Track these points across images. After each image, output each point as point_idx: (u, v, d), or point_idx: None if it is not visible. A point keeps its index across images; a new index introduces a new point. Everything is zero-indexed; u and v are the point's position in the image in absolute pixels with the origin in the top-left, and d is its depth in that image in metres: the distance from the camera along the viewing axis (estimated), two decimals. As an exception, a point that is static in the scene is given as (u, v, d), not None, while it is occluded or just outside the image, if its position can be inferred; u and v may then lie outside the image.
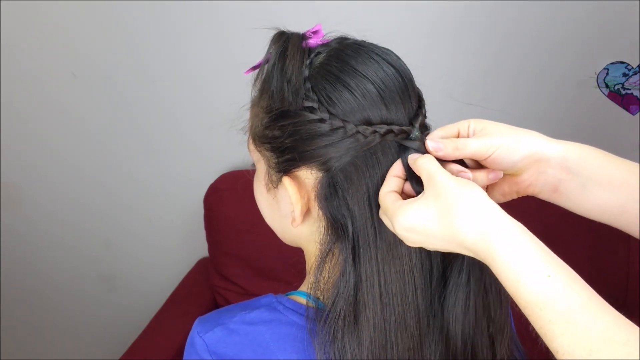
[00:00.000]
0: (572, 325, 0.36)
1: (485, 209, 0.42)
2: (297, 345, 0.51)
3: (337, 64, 0.50)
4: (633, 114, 1.30)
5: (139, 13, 1.31)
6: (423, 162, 0.47)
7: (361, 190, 0.49)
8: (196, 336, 0.52)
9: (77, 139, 1.47)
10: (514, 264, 0.39)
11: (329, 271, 0.51)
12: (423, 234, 0.45)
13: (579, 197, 0.49)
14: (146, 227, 1.57)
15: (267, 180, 0.55)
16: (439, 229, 0.43)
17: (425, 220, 0.44)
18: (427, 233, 0.44)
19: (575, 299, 0.37)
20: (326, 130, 0.48)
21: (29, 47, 1.37)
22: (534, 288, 0.38)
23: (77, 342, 1.73)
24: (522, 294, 0.39)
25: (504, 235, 0.41)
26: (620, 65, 1.27)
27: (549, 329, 0.37)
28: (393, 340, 0.48)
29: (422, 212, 0.44)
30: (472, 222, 0.42)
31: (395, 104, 0.49)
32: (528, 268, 0.39)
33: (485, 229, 0.41)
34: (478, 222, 0.42)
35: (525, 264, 0.39)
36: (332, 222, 0.50)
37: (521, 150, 0.48)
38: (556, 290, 0.38)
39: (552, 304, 0.37)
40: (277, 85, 0.50)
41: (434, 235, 0.44)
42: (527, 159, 0.49)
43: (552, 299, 0.37)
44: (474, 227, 0.42)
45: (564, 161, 0.48)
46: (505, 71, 1.31)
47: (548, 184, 0.49)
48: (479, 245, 0.41)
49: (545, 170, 0.49)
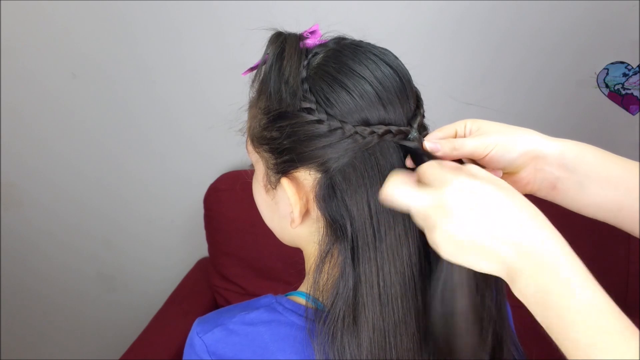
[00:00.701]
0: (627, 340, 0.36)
1: (539, 212, 0.42)
2: (297, 345, 0.51)
3: (334, 64, 0.50)
4: (633, 114, 1.30)
5: (139, 13, 1.31)
6: None
7: (360, 191, 0.48)
8: (195, 337, 0.52)
9: (77, 139, 1.47)
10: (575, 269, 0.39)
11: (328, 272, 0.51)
12: (474, 208, 0.42)
13: (576, 194, 0.49)
14: (146, 227, 1.57)
15: (265, 182, 0.55)
16: (496, 212, 0.41)
17: (484, 194, 0.42)
18: (479, 207, 0.42)
19: (623, 316, 0.38)
20: (324, 131, 0.48)
21: (29, 46, 1.37)
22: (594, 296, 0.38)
23: (77, 342, 1.73)
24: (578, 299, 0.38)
25: (562, 240, 0.41)
26: (620, 65, 1.27)
27: (600, 339, 0.37)
28: (392, 341, 0.48)
29: (485, 186, 0.43)
30: (534, 217, 0.41)
31: (393, 105, 0.49)
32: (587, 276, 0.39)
33: (547, 227, 0.41)
34: (539, 218, 0.41)
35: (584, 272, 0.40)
36: (331, 223, 0.50)
37: (518, 148, 0.49)
38: (609, 303, 0.38)
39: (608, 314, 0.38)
40: (274, 86, 0.50)
41: (488, 214, 0.41)
42: (524, 156, 0.49)
43: (607, 309, 0.38)
44: (536, 221, 0.41)
45: (561, 158, 0.49)
46: (504, 71, 1.31)
47: (546, 181, 0.50)
48: (541, 241, 0.40)
49: (543, 167, 0.49)
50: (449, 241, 0.43)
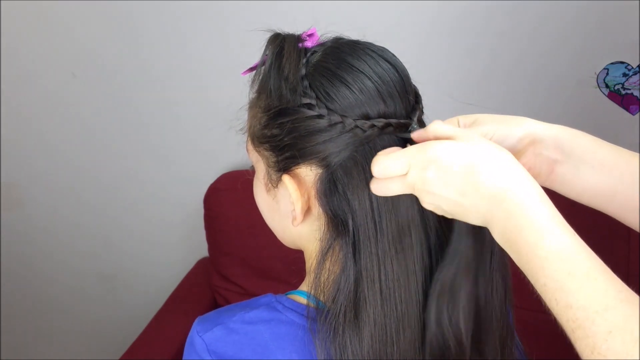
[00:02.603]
0: (591, 281, 0.37)
1: (516, 162, 0.43)
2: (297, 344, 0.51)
3: (333, 60, 0.50)
4: (633, 114, 1.30)
5: (141, 12, 1.31)
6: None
7: (361, 185, 0.49)
8: (195, 335, 0.52)
9: (77, 139, 1.47)
10: (543, 213, 0.40)
11: (330, 268, 0.51)
12: (446, 168, 0.43)
13: (572, 179, 0.50)
14: (146, 227, 1.57)
15: (266, 181, 0.55)
16: (466, 166, 0.43)
17: (453, 153, 0.43)
18: (451, 168, 0.43)
19: (595, 260, 0.38)
20: (324, 125, 0.49)
21: (29, 45, 1.38)
22: (561, 239, 0.39)
23: (78, 341, 1.73)
24: (548, 242, 0.39)
25: (535, 187, 0.42)
26: (620, 65, 1.27)
27: (567, 281, 0.37)
28: (394, 336, 0.48)
29: (452, 145, 0.44)
30: (505, 167, 0.42)
31: (393, 99, 0.50)
32: (556, 221, 0.40)
33: (517, 176, 0.42)
34: (510, 168, 0.42)
35: (554, 217, 0.40)
36: (333, 218, 0.50)
37: (516, 133, 0.50)
38: (580, 246, 0.39)
39: (576, 257, 0.38)
40: (274, 83, 0.51)
41: (458, 171, 0.43)
42: (523, 141, 0.50)
43: (576, 252, 0.38)
44: (506, 171, 0.42)
45: (557, 140, 0.50)
46: (502, 70, 1.31)
47: (545, 165, 0.50)
48: (511, 188, 0.41)
49: (541, 152, 0.50)
50: (434, 201, 0.45)
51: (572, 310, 0.37)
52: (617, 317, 0.35)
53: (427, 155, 0.44)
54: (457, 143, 0.44)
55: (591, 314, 0.36)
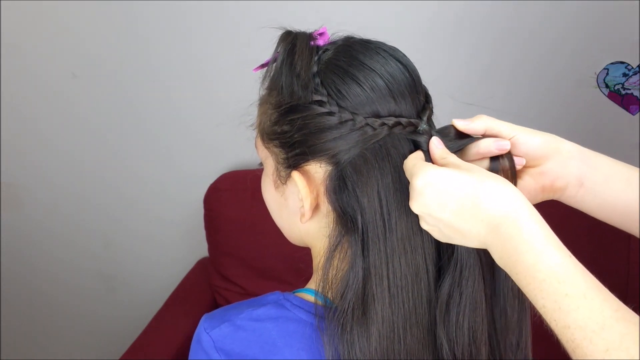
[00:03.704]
0: (588, 300, 0.38)
1: (515, 189, 0.44)
2: (304, 341, 0.51)
3: (345, 58, 0.51)
4: (633, 114, 1.30)
5: (143, 11, 1.31)
6: None
7: (370, 182, 0.49)
8: (203, 332, 0.52)
9: (77, 139, 1.47)
10: (540, 237, 0.41)
11: (338, 265, 0.51)
12: (444, 192, 0.45)
13: (604, 191, 0.50)
14: (147, 227, 1.57)
15: (275, 177, 0.56)
16: (467, 193, 0.44)
17: (454, 181, 0.44)
18: (449, 193, 0.44)
19: (591, 280, 0.39)
20: (335, 123, 0.49)
21: (30, 45, 1.37)
22: (558, 261, 0.40)
23: (78, 341, 1.73)
24: (545, 265, 0.40)
25: (533, 213, 0.43)
26: (620, 65, 1.27)
27: (564, 302, 0.38)
28: (401, 333, 0.49)
29: (453, 173, 0.45)
30: (504, 194, 0.43)
31: (404, 98, 0.50)
32: (553, 244, 0.41)
33: (516, 202, 0.43)
34: (509, 195, 0.43)
35: (551, 241, 0.41)
36: (342, 215, 0.50)
37: (539, 136, 0.51)
38: (576, 268, 0.40)
39: (573, 278, 0.39)
40: (286, 80, 0.51)
41: (458, 197, 0.44)
42: (546, 146, 0.51)
43: (573, 273, 0.39)
44: (505, 198, 0.43)
45: (582, 153, 0.51)
46: (503, 71, 1.31)
47: (573, 176, 0.51)
48: (507, 215, 0.42)
49: (569, 162, 0.51)
50: (432, 227, 0.47)
51: (571, 330, 0.38)
52: (614, 335, 0.36)
53: (426, 179, 0.45)
54: (455, 171, 0.45)
55: (589, 334, 0.37)
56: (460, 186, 0.44)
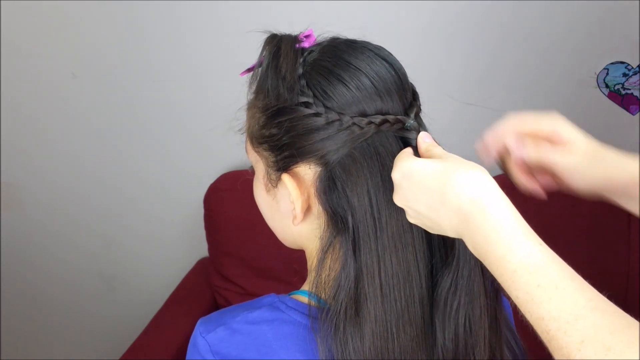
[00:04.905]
0: (560, 290, 0.37)
1: (486, 176, 0.43)
2: (300, 343, 0.51)
3: (330, 59, 0.51)
4: (633, 114, 1.30)
5: (141, 12, 1.31)
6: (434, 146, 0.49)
7: (360, 182, 0.49)
8: (199, 336, 0.52)
9: (77, 139, 1.47)
10: (508, 226, 0.40)
11: (330, 266, 0.51)
12: (417, 183, 0.45)
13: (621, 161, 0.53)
14: (146, 227, 1.57)
15: (266, 181, 0.56)
16: (436, 182, 0.44)
17: (425, 170, 0.45)
18: (421, 184, 0.45)
19: (564, 269, 0.38)
20: (322, 123, 0.49)
21: (30, 45, 1.37)
22: (528, 250, 0.39)
23: (78, 341, 1.73)
24: (515, 256, 0.39)
25: (501, 200, 0.42)
26: (620, 65, 1.27)
27: (536, 294, 0.37)
28: (394, 332, 0.49)
29: (426, 163, 0.45)
30: (472, 181, 0.43)
31: (391, 96, 0.50)
32: (523, 232, 0.40)
33: (484, 190, 0.42)
34: (478, 182, 0.43)
35: (520, 229, 0.40)
36: (332, 215, 0.50)
37: None
38: (547, 257, 0.39)
39: (544, 268, 0.38)
40: (272, 83, 0.51)
41: (428, 187, 0.44)
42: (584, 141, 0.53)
43: (544, 263, 0.38)
44: (473, 186, 0.42)
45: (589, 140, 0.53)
46: (502, 71, 1.31)
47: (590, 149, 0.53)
48: (474, 203, 0.42)
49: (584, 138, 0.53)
50: (416, 220, 0.47)
51: (545, 321, 0.37)
52: (588, 326, 0.35)
53: (402, 171, 0.46)
54: (429, 161, 0.45)
55: (562, 325, 0.36)
56: (430, 176, 0.44)
